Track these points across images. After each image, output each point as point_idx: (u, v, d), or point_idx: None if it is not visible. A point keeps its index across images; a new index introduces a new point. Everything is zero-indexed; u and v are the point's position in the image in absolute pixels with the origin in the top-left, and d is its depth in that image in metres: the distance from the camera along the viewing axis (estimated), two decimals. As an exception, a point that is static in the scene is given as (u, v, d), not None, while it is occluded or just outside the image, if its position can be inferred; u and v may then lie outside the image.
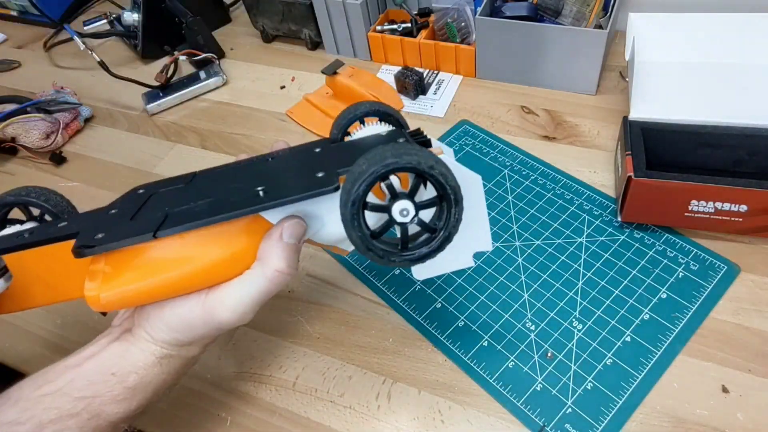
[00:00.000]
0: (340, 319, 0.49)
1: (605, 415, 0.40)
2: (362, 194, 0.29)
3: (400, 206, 0.30)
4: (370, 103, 0.40)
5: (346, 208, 0.29)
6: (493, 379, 0.43)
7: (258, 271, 0.32)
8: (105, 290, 0.32)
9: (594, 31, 0.60)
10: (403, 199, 0.30)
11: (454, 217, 0.30)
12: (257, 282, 0.32)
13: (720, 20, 0.54)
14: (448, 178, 0.29)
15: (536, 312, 0.47)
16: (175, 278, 0.32)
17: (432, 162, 0.28)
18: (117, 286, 0.32)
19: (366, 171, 0.28)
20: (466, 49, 0.67)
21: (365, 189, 0.29)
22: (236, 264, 0.33)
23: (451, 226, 0.31)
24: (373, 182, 0.29)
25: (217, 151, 0.68)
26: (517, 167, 0.58)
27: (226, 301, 0.32)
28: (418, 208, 0.30)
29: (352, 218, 0.29)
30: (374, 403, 0.44)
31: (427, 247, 0.31)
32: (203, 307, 0.33)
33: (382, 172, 0.28)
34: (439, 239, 0.31)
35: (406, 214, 0.30)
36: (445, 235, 0.31)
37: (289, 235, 0.32)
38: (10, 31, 0.96)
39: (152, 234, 0.31)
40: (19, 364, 0.50)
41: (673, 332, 0.44)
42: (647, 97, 0.51)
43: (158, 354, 0.34)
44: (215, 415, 0.45)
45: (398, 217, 0.30)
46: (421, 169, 0.28)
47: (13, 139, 0.69)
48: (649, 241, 0.50)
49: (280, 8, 0.76)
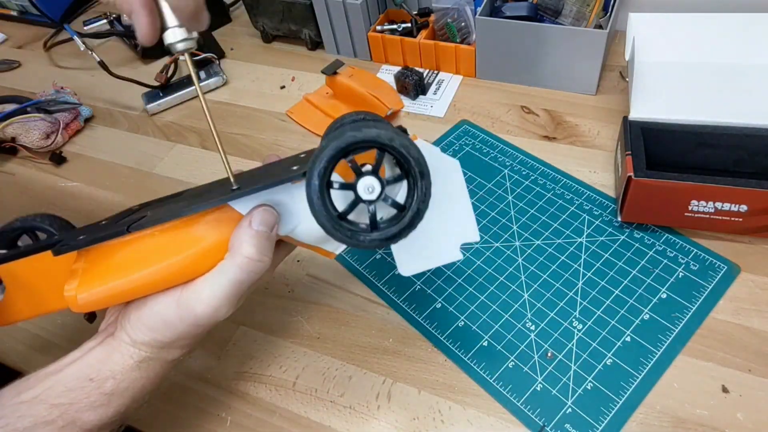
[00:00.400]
0: (340, 319, 0.49)
1: (605, 415, 0.40)
2: (323, 170, 0.28)
3: (365, 183, 0.29)
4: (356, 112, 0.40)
5: (310, 187, 0.29)
6: (493, 379, 0.43)
7: (229, 261, 0.32)
8: (81, 291, 0.33)
9: (594, 31, 0.60)
10: (367, 175, 0.29)
11: (422, 191, 0.29)
12: (229, 271, 0.32)
13: (720, 20, 0.54)
14: (410, 149, 0.28)
15: (536, 312, 0.47)
16: (149, 274, 0.33)
17: (392, 134, 0.28)
18: (94, 286, 0.33)
19: (326, 147, 0.28)
20: (466, 49, 0.67)
21: (326, 165, 0.28)
22: (209, 257, 0.33)
23: (419, 201, 0.29)
24: (334, 158, 0.28)
25: (217, 151, 0.68)
26: (517, 167, 0.58)
27: (200, 294, 0.32)
28: (384, 185, 0.30)
29: (317, 197, 0.29)
30: (374, 403, 0.44)
31: (397, 226, 0.30)
32: (179, 302, 0.33)
33: (342, 146, 0.28)
34: (409, 216, 0.30)
35: (371, 191, 0.29)
36: (414, 211, 0.30)
37: (259, 222, 0.32)
38: (10, 31, 0.96)
39: (126, 228, 0.31)
40: (18, 363, 0.51)
41: (673, 332, 0.44)
42: (647, 97, 0.51)
43: (137, 357, 0.34)
44: (215, 415, 0.45)
45: (364, 195, 0.30)
46: (381, 142, 0.28)
47: (13, 139, 0.69)
48: (649, 241, 0.50)
49: (280, 8, 0.76)
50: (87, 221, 0.46)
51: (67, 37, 0.86)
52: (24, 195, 0.67)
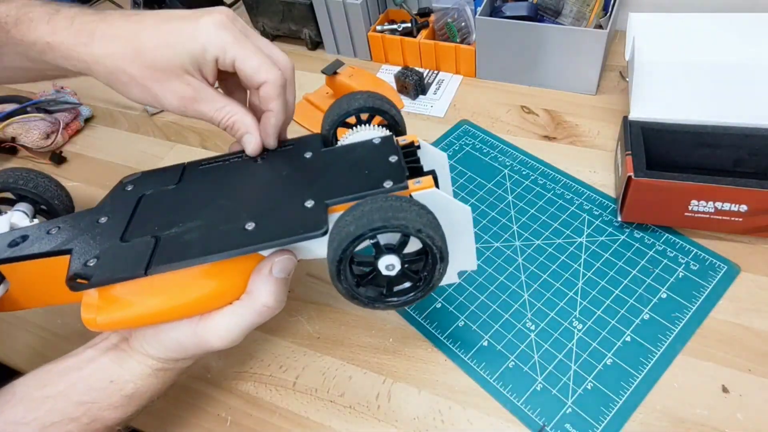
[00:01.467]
0: (340, 319, 0.49)
1: (605, 415, 0.40)
2: (349, 255, 0.30)
3: (387, 261, 0.31)
4: (364, 98, 0.39)
5: (333, 264, 0.30)
6: (493, 379, 0.43)
7: (248, 304, 0.34)
8: (101, 314, 0.33)
9: (594, 31, 0.60)
10: (389, 254, 0.30)
11: (439, 271, 0.31)
12: (246, 314, 0.34)
13: (720, 20, 0.54)
14: (435, 240, 0.29)
15: (536, 312, 0.47)
16: (167, 307, 0.34)
17: (419, 225, 0.29)
18: (111, 313, 0.33)
19: (353, 233, 0.29)
20: (466, 49, 0.67)
21: (352, 250, 0.29)
22: (227, 294, 0.34)
23: (435, 279, 0.32)
24: (359, 243, 0.29)
25: (217, 151, 0.68)
26: (517, 167, 0.58)
27: (216, 330, 0.34)
28: (404, 263, 0.31)
29: (338, 274, 0.30)
30: (374, 403, 0.44)
31: (412, 295, 0.32)
32: (195, 332, 0.34)
33: (368, 235, 0.29)
34: (423, 289, 0.32)
35: (392, 269, 0.31)
36: (429, 286, 0.32)
37: (279, 270, 0.34)
38: (10, 31, 0.96)
39: (144, 271, 0.32)
40: (18, 363, 0.50)
41: (673, 332, 0.44)
42: (647, 97, 0.51)
43: (154, 367, 0.36)
44: (215, 415, 0.45)
45: (384, 271, 0.31)
46: (408, 233, 0.29)
47: (13, 139, 0.69)
48: (649, 241, 0.50)
49: (280, 8, 0.76)
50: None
51: (67, 37, 0.86)
52: (24, 195, 0.67)
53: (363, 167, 0.35)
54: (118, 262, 0.33)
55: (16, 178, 0.40)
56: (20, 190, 0.40)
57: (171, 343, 0.35)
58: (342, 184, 0.34)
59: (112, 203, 0.38)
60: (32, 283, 0.37)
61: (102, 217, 0.37)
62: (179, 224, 0.34)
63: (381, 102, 0.39)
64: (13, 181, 0.40)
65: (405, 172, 0.34)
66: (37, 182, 0.41)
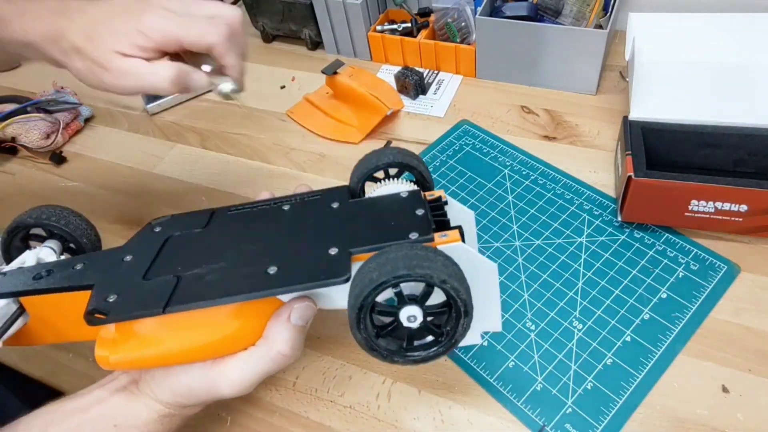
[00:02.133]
0: (340, 319, 0.49)
1: (605, 415, 0.40)
2: (370, 302, 0.29)
3: (409, 312, 0.30)
4: (393, 153, 0.40)
5: (353, 311, 0.29)
6: (493, 379, 0.43)
7: (263, 351, 0.33)
8: (114, 353, 0.33)
9: (594, 31, 0.60)
10: (412, 305, 0.30)
11: (462, 327, 0.30)
12: (261, 362, 0.33)
13: (720, 20, 0.54)
14: (459, 293, 0.29)
15: (536, 312, 0.47)
16: (181, 349, 0.33)
17: (444, 276, 0.28)
18: (125, 351, 0.33)
19: (376, 280, 0.28)
20: (466, 49, 0.67)
21: (373, 297, 0.29)
22: (243, 339, 0.34)
23: (458, 335, 0.31)
24: (381, 290, 0.28)
25: (217, 151, 0.68)
26: (517, 167, 0.58)
27: (229, 376, 0.33)
28: (426, 315, 0.30)
29: (357, 322, 0.29)
30: (374, 403, 0.44)
31: (433, 351, 0.31)
32: (206, 378, 0.33)
33: (392, 283, 0.28)
34: (445, 345, 0.31)
35: (413, 320, 0.30)
36: (451, 342, 0.31)
37: (298, 318, 0.33)
38: (10, 31, 0.96)
39: (162, 309, 0.31)
40: (18, 363, 0.50)
41: (673, 332, 0.44)
42: (647, 97, 0.51)
43: (161, 413, 0.35)
44: (215, 415, 0.45)
45: (405, 322, 0.30)
46: (432, 283, 0.28)
47: (13, 138, 0.69)
48: (649, 241, 0.50)
49: (280, 8, 0.76)
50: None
51: (67, 37, 0.86)
52: (24, 195, 0.67)
53: (389, 219, 0.35)
54: (137, 299, 0.33)
55: (48, 214, 0.41)
56: (51, 226, 0.41)
57: (180, 388, 0.34)
58: (367, 234, 0.34)
59: (139, 243, 0.38)
60: (52, 317, 0.37)
61: (127, 255, 0.37)
62: (202, 265, 0.34)
63: (410, 158, 0.40)
64: (45, 217, 0.41)
65: (431, 224, 0.33)
66: (69, 219, 0.42)
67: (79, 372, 0.49)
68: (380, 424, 0.42)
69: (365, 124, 0.65)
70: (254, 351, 0.33)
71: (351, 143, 0.65)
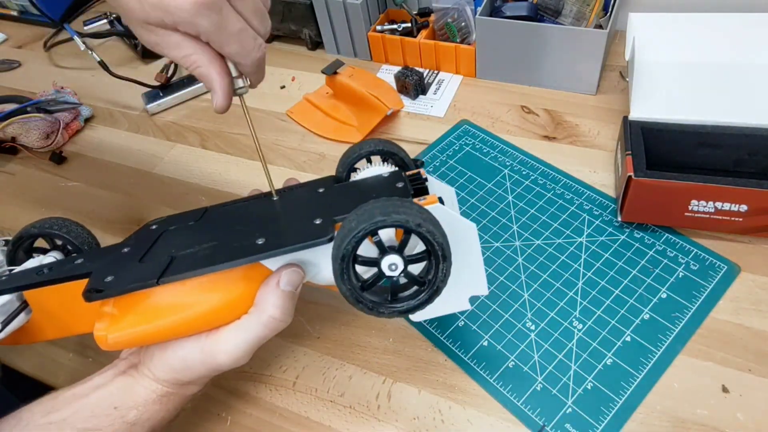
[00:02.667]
0: (340, 319, 0.49)
1: (605, 415, 0.40)
2: (351, 250, 0.30)
3: (389, 261, 0.31)
4: (374, 142, 0.42)
5: (336, 262, 0.30)
6: (493, 379, 0.43)
7: (254, 318, 0.34)
8: (112, 332, 0.34)
9: (594, 31, 0.60)
10: (392, 254, 0.31)
11: (442, 272, 0.31)
12: (253, 328, 0.34)
13: (720, 20, 0.54)
14: (435, 236, 0.30)
15: (536, 312, 0.47)
16: (177, 322, 0.34)
17: (419, 220, 0.29)
18: (123, 328, 0.34)
19: (355, 228, 0.29)
20: (466, 49, 0.67)
21: (354, 245, 0.30)
22: (235, 309, 0.35)
23: (439, 281, 0.32)
24: (361, 239, 0.30)
25: (217, 151, 0.68)
26: (517, 167, 0.58)
27: (223, 346, 0.34)
28: (407, 263, 0.31)
29: (341, 272, 0.31)
30: (374, 403, 0.44)
31: (416, 300, 0.32)
32: (202, 350, 0.34)
33: (370, 229, 0.29)
34: (428, 293, 0.32)
35: (394, 269, 0.31)
36: (433, 289, 0.32)
37: (286, 283, 0.34)
38: (10, 31, 0.96)
39: (156, 280, 0.33)
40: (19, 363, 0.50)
41: (673, 332, 0.44)
42: (647, 97, 0.51)
43: (159, 392, 0.36)
44: (215, 415, 0.45)
45: (387, 271, 0.31)
46: (408, 227, 0.29)
47: (13, 138, 0.69)
48: (649, 241, 0.50)
49: (280, 8, 0.76)
50: (87, 221, 0.46)
51: (67, 36, 0.86)
52: (24, 195, 0.67)
53: (371, 192, 0.37)
54: (133, 276, 0.34)
55: (51, 224, 0.43)
56: (54, 234, 0.43)
57: (177, 363, 0.35)
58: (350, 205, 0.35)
59: (136, 238, 0.40)
60: (54, 308, 0.38)
61: (125, 248, 0.39)
62: (195, 246, 0.36)
63: (390, 146, 0.42)
64: (48, 226, 0.43)
65: (410, 191, 0.35)
66: (71, 228, 0.44)
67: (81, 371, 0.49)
68: (380, 424, 0.42)
69: (365, 124, 0.65)
70: (246, 318, 0.34)
71: (351, 143, 0.65)
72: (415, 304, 0.32)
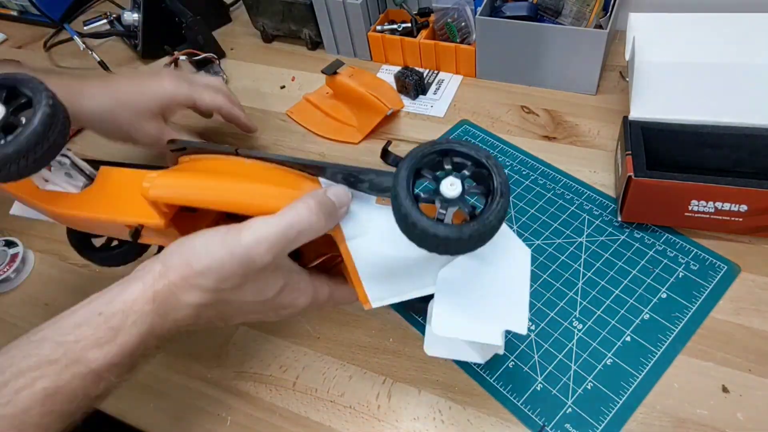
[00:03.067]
0: (340, 319, 0.49)
1: (605, 415, 0.40)
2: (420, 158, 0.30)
3: (450, 180, 0.31)
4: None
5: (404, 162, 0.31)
6: (493, 379, 0.43)
7: (288, 207, 0.33)
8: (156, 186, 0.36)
9: (594, 31, 0.60)
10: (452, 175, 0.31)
11: (496, 205, 0.29)
12: (286, 214, 0.33)
13: (720, 20, 0.54)
14: (499, 170, 0.30)
15: (536, 312, 0.47)
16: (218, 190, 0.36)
17: (487, 153, 0.31)
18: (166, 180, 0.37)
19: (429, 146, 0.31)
20: (466, 49, 0.67)
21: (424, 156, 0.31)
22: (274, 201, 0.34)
23: (491, 215, 0.29)
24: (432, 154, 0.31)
25: (217, 151, 0.68)
26: (517, 167, 0.58)
27: (248, 226, 0.32)
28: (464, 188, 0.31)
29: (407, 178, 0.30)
30: (374, 403, 0.44)
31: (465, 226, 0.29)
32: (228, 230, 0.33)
33: (441, 149, 0.31)
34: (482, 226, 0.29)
35: (453, 186, 0.30)
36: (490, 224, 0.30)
37: (333, 194, 0.34)
38: (10, 31, 0.96)
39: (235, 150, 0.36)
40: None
41: (673, 332, 0.44)
42: (647, 97, 0.51)
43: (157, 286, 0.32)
44: (215, 415, 0.45)
45: (446, 190, 0.30)
46: (478, 159, 0.30)
47: (13, 138, 0.69)
48: (649, 241, 0.50)
49: (280, 8, 0.76)
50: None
51: (67, 37, 0.86)
52: (24, 195, 0.67)
53: None
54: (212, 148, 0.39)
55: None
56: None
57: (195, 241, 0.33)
58: None
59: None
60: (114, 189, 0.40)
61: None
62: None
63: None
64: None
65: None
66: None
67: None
68: (380, 424, 0.42)
69: (365, 124, 0.65)
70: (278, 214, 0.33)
71: (351, 143, 0.65)
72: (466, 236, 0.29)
